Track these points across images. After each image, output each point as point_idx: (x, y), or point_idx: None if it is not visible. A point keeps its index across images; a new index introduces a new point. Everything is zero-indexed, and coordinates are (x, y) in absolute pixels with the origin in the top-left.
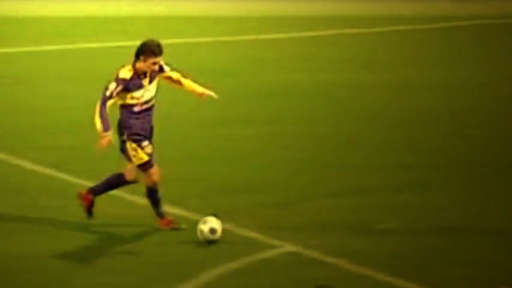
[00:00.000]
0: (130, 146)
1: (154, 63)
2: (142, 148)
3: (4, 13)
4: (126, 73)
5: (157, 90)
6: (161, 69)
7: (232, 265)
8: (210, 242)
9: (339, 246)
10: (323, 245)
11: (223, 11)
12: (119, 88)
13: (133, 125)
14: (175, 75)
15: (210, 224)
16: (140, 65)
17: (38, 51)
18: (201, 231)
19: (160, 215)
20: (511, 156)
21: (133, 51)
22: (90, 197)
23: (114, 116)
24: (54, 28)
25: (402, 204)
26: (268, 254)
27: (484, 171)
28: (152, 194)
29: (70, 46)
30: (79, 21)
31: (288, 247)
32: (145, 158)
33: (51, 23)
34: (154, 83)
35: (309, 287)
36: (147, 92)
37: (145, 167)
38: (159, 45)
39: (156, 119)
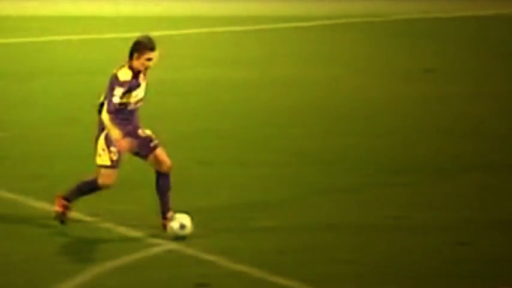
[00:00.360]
0: (100, 144)
1: (149, 59)
2: (109, 152)
3: None
4: (126, 75)
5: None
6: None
7: (113, 264)
8: (179, 238)
9: (218, 244)
10: (203, 242)
11: (89, 10)
12: (125, 91)
13: (118, 126)
14: None
15: (180, 220)
16: (135, 63)
17: None
18: (171, 228)
19: (69, 200)
20: (398, 154)
21: None
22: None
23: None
24: None
25: (279, 202)
26: (148, 252)
27: (359, 168)
28: (92, 189)
29: None
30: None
31: (168, 245)
32: (108, 163)
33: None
34: (146, 80)
35: (188, 285)
36: (141, 91)
37: (104, 169)
38: (151, 40)
39: (31, 118)
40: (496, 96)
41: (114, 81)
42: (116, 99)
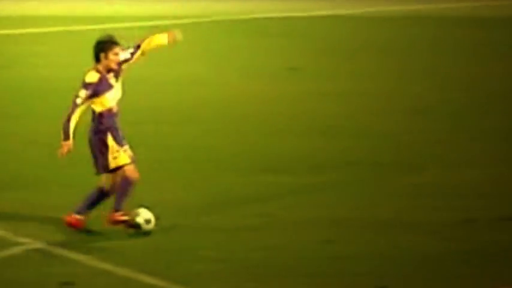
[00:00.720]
0: (112, 147)
1: (116, 54)
2: (124, 150)
3: None
4: (92, 77)
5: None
6: (125, 61)
7: None
8: (145, 233)
9: (84, 243)
10: (70, 241)
11: None
12: (89, 93)
13: (116, 127)
14: (137, 54)
15: (144, 215)
16: (104, 63)
17: None
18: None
19: (119, 210)
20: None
21: None
22: (79, 217)
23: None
24: None
25: (152, 202)
26: (13, 251)
27: (232, 167)
28: (129, 187)
29: None
30: None
31: (34, 244)
32: (128, 160)
33: None
34: (120, 80)
35: (53, 284)
36: (117, 91)
37: (127, 166)
38: (111, 36)
39: None
40: (360, 94)
41: (81, 84)
42: (79, 101)
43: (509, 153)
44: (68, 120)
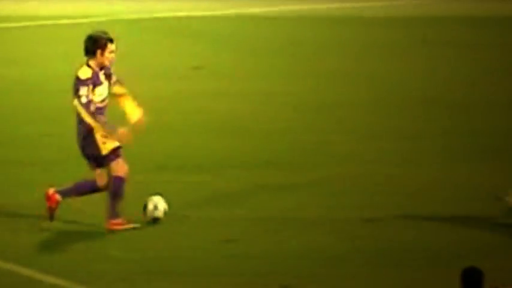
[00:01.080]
0: (100, 134)
1: (112, 51)
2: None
3: None
4: (86, 73)
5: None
6: (109, 76)
7: None
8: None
9: None
10: None
11: None
12: (90, 87)
13: (101, 117)
14: (119, 90)
15: (155, 202)
16: (99, 60)
17: None
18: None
19: (115, 215)
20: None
21: None
22: (57, 197)
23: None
24: None
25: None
26: None
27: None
28: (119, 186)
29: None
30: None
31: None
32: (116, 143)
33: None
34: (107, 81)
35: None
36: (104, 89)
37: (116, 152)
38: (107, 33)
39: None
40: (261, 93)
41: (77, 83)
42: (84, 99)
43: (410, 152)
44: (96, 120)
